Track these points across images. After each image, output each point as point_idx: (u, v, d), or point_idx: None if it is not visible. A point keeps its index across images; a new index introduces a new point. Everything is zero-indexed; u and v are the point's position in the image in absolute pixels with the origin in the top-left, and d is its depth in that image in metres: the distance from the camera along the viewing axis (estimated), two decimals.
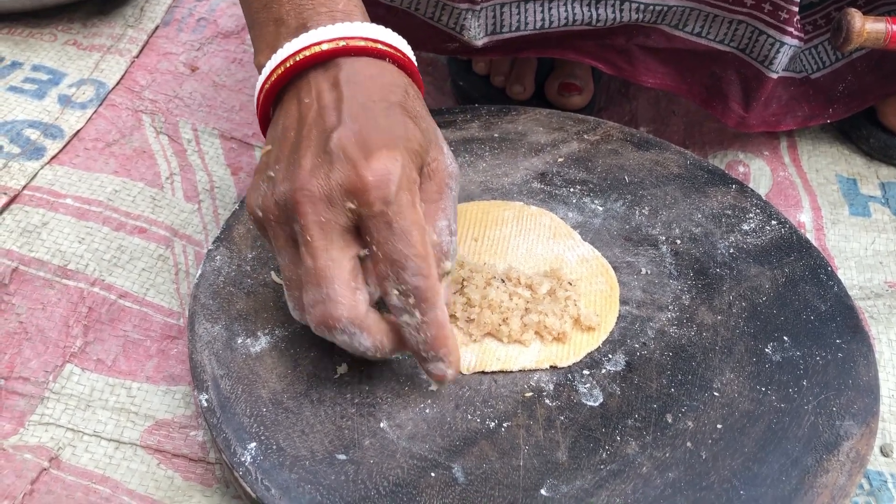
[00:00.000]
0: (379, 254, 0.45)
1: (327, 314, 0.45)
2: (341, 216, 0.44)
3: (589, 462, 0.48)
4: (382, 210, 0.44)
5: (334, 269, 0.44)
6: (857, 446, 0.49)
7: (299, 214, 0.44)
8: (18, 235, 0.65)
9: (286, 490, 0.46)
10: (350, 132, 0.45)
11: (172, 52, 0.84)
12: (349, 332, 0.45)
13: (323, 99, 0.47)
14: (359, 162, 0.44)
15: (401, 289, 0.45)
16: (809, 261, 0.59)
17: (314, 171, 0.44)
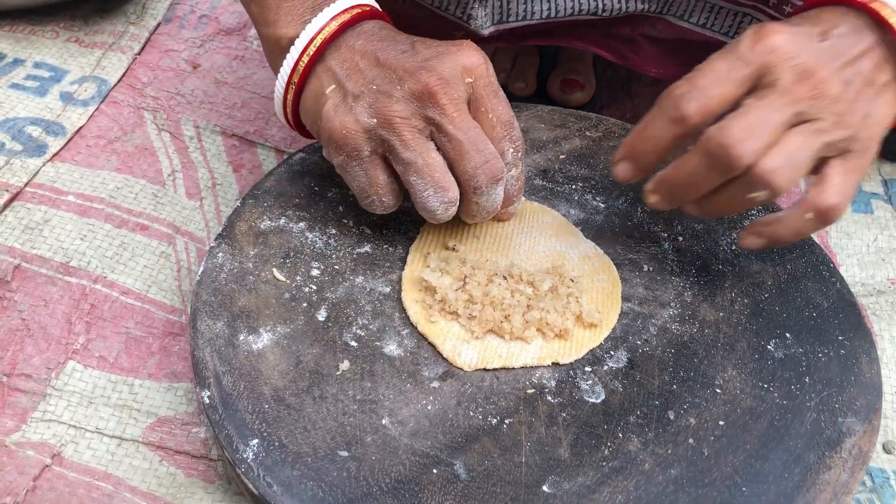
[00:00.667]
0: (493, 119, 0.52)
1: (496, 168, 0.52)
2: (464, 93, 0.51)
3: (591, 459, 0.48)
4: (491, 81, 0.52)
5: (481, 135, 0.52)
6: (860, 443, 0.49)
7: (437, 97, 0.50)
8: (21, 232, 0.65)
9: (288, 487, 0.46)
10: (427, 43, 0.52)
11: (174, 49, 0.84)
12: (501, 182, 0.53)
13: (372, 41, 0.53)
14: (458, 52, 0.51)
15: (515, 145, 0.53)
16: (812, 257, 0.59)
17: (427, 64, 0.51)
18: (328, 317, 0.54)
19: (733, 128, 0.46)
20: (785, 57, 0.47)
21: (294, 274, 0.56)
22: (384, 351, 0.53)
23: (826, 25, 0.48)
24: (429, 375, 0.52)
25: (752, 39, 0.47)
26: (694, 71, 0.48)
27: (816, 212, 0.48)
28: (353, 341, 0.53)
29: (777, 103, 0.46)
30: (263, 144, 0.75)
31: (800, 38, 0.47)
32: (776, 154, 0.47)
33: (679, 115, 0.48)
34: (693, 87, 0.48)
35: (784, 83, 0.46)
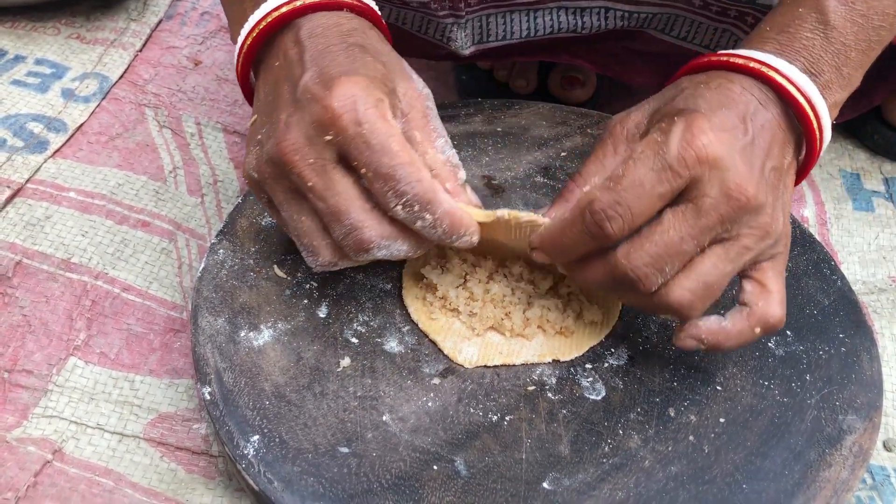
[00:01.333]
0: (370, 174, 0.45)
1: (359, 240, 0.47)
2: (326, 152, 0.46)
3: (591, 455, 0.48)
4: (357, 132, 0.45)
5: (345, 202, 0.46)
6: (860, 441, 0.49)
7: (291, 165, 0.46)
8: (22, 229, 0.65)
9: (289, 483, 0.46)
10: (311, 74, 0.46)
11: (175, 45, 0.84)
12: (384, 246, 0.47)
13: (289, 57, 0.49)
14: (323, 96, 0.45)
15: (402, 201, 0.46)
16: (813, 255, 0.59)
17: (290, 121, 0.46)
18: (329, 313, 0.54)
19: (643, 258, 0.44)
20: (714, 170, 0.43)
21: (295, 270, 0.56)
22: (385, 348, 0.53)
23: (741, 110, 0.46)
24: (429, 372, 0.52)
25: (681, 143, 0.43)
26: (619, 176, 0.44)
27: (765, 326, 0.47)
28: (353, 338, 0.53)
29: (695, 230, 0.44)
30: None
31: (727, 139, 0.44)
32: (688, 284, 0.45)
33: (601, 233, 0.44)
34: (617, 202, 0.44)
35: (708, 203, 0.44)
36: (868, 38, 0.48)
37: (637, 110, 0.49)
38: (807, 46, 0.47)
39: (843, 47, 0.48)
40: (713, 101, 0.46)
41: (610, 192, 0.44)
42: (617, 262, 0.45)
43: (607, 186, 0.44)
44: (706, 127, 0.44)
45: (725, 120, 0.45)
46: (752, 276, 0.47)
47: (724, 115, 0.45)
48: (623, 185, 0.44)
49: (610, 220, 0.44)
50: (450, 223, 0.47)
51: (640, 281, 0.44)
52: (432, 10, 0.64)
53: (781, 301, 0.47)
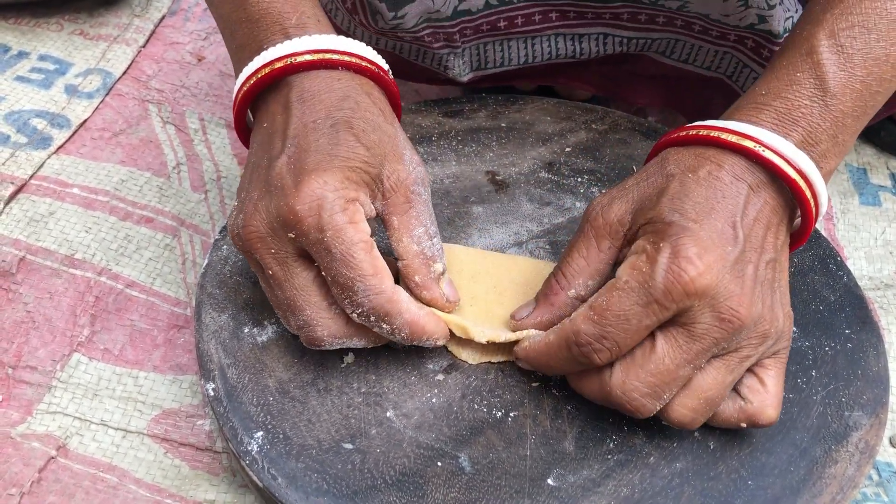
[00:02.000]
0: (328, 278, 0.45)
1: (310, 338, 0.47)
2: (289, 245, 0.45)
3: (596, 452, 0.48)
4: (318, 238, 0.44)
5: (302, 297, 0.46)
6: (867, 437, 0.49)
7: (254, 251, 0.45)
8: (25, 225, 0.65)
9: (293, 479, 0.46)
10: (287, 158, 0.45)
11: (179, 41, 0.84)
12: (338, 343, 0.47)
13: (275, 123, 0.47)
14: (289, 192, 0.44)
15: (357, 311, 0.45)
16: (818, 251, 0.59)
17: (258, 205, 0.45)
18: None
19: (639, 388, 0.43)
20: (704, 298, 0.42)
21: None
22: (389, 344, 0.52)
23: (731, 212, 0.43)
24: (433, 368, 0.51)
25: (667, 275, 0.42)
26: (603, 308, 0.43)
27: (751, 423, 0.46)
28: None
29: (690, 355, 0.43)
30: None
31: (717, 260, 0.42)
32: (689, 403, 0.44)
33: (589, 362, 0.44)
34: (603, 336, 0.43)
35: (700, 329, 0.42)
36: (865, 105, 0.46)
37: (620, 200, 0.47)
38: (805, 115, 0.45)
39: (841, 115, 0.45)
40: (701, 203, 0.43)
41: (595, 326, 0.43)
42: (612, 390, 0.44)
43: (592, 318, 0.43)
44: (693, 254, 0.42)
45: (713, 232, 0.43)
46: (753, 369, 0.46)
47: (712, 225, 0.43)
48: (608, 320, 0.43)
49: (597, 352, 0.43)
50: (409, 332, 0.47)
51: (637, 410, 0.44)
52: (426, 42, 0.63)
53: (777, 403, 0.45)
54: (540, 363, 0.47)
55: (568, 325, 0.45)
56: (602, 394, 0.45)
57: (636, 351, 0.44)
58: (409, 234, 0.48)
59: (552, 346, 0.46)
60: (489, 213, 0.60)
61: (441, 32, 0.62)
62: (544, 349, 0.46)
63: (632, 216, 0.46)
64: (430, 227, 0.48)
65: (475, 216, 0.60)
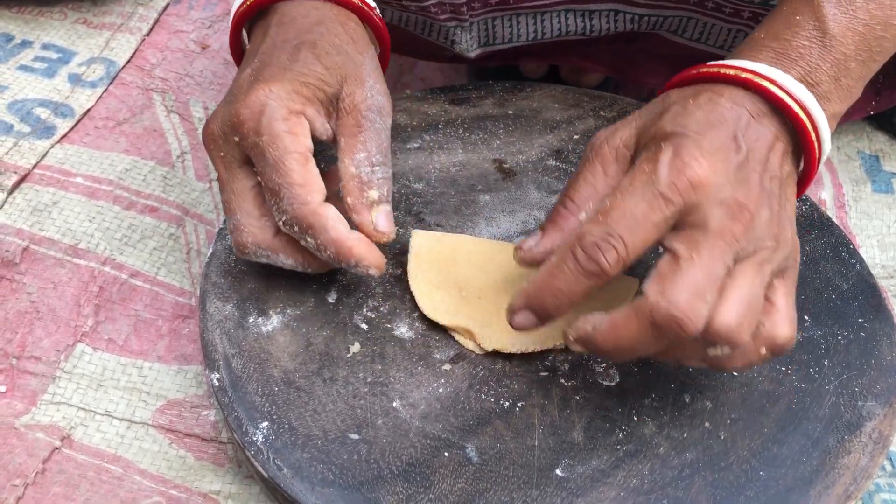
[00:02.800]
0: (263, 183, 0.47)
1: (236, 242, 0.49)
2: (235, 150, 0.48)
3: (605, 442, 0.47)
4: (255, 141, 0.46)
5: (237, 201, 0.48)
6: (880, 427, 0.48)
7: (208, 151, 0.49)
8: (29, 214, 0.65)
9: (298, 469, 0.45)
10: (250, 71, 0.49)
11: (183, 29, 0.83)
12: (263, 255, 0.49)
13: (254, 45, 0.51)
14: (239, 98, 0.47)
15: (283, 219, 0.47)
16: (831, 238, 0.58)
17: (218, 111, 0.49)
18: (338, 299, 0.53)
19: (681, 293, 0.40)
20: (710, 192, 0.41)
21: None
22: (395, 333, 0.52)
23: (731, 126, 0.43)
24: (440, 358, 0.51)
25: (671, 170, 0.41)
26: (608, 208, 0.42)
27: (771, 347, 0.43)
28: (363, 323, 0.52)
29: (715, 251, 0.41)
30: None
31: (719, 160, 0.42)
32: (732, 307, 0.41)
33: (597, 269, 0.41)
34: (609, 235, 0.41)
35: (715, 223, 0.41)
36: (870, 49, 0.46)
37: (623, 127, 0.46)
38: (803, 55, 0.45)
39: (843, 57, 0.45)
40: (702, 121, 0.43)
41: (601, 225, 0.42)
42: (654, 305, 0.40)
43: (596, 220, 0.42)
44: (695, 152, 0.42)
45: (715, 140, 0.42)
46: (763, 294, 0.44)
47: (714, 135, 0.43)
48: (614, 217, 0.41)
49: (604, 252, 0.41)
50: (335, 251, 0.47)
51: (685, 318, 0.40)
52: (432, 13, 0.63)
53: (790, 320, 0.43)
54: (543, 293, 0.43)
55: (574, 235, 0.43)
56: (641, 322, 0.41)
57: (659, 265, 0.41)
58: (350, 156, 0.49)
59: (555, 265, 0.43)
60: (496, 202, 0.60)
61: (447, 3, 0.62)
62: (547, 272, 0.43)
63: (635, 140, 0.46)
64: (374, 155, 0.49)
65: (482, 205, 0.59)
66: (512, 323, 0.45)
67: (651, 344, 0.42)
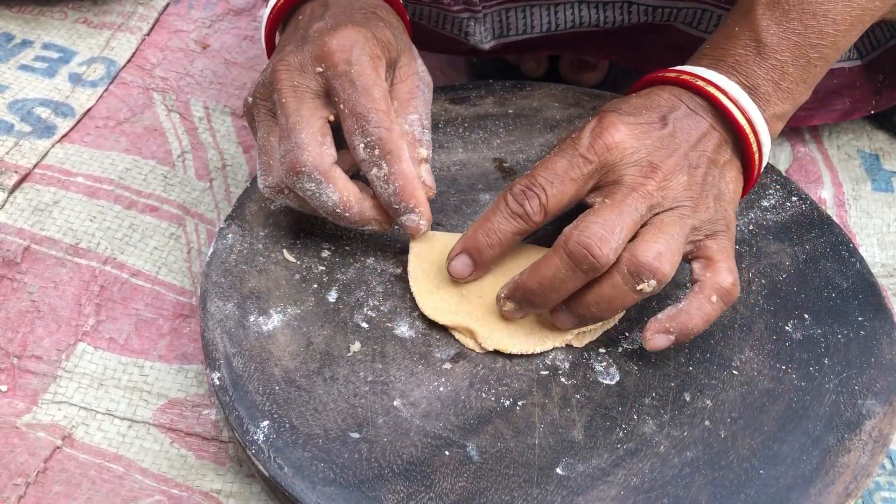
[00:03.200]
0: (345, 110, 0.49)
1: (295, 160, 0.49)
2: (312, 81, 0.49)
3: (605, 441, 0.47)
4: (346, 69, 0.49)
5: (303, 123, 0.49)
6: (880, 425, 0.48)
7: (276, 81, 0.50)
8: (30, 214, 0.65)
9: (299, 468, 0.46)
10: (326, 22, 0.51)
11: (183, 29, 0.83)
12: (315, 179, 0.49)
13: (314, 12, 0.53)
14: (327, 34, 0.49)
15: (366, 141, 0.49)
16: (831, 237, 0.58)
17: (292, 48, 0.50)
18: (339, 298, 0.53)
19: (591, 227, 0.46)
20: (625, 153, 0.47)
21: (304, 255, 0.55)
22: (395, 332, 0.52)
23: (664, 110, 0.49)
24: (441, 357, 0.51)
25: (591, 135, 0.48)
26: (535, 166, 0.49)
27: (719, 293, 0.47)
28: (363, 322, 0.52)
29: (627, 199, 0.47)
30: None
31: (639, 130, 0.48)
32: (649, 242, 0.46)
33: (521, 212, 0.48)
34: (532, 184, 0.48)
35: (629, 179, 0.47)
36: (807, 56, 0.50)
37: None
38: (739, 62, 0.50)
39: (779, 63, 0.49)
40: (635, 104, 0.49)
41: (527, 177, 0.48)
42: (567, 236, 0.46)
43: (526, 174, 0.49)
44: (617, 122, 0.48)
45: (640, 117, 0.49)
46: (696, 255, 0.49)
47: (642, 114, 0.49)
48: (538, 171, 0.48)
49: (529, 199, 0.48)
50: (401, 185, 0.50)
51: (594, 245, 0.45)
52: (445, 4, 0.63)
53: (730, 269, 0.48)
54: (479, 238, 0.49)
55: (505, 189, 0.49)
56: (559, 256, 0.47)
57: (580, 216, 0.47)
58: (404, 115, 0.52)
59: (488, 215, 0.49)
60: None
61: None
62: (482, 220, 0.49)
63: None
64: (424, 119, 0.53)
65: (483, 204, 0.60)
66: (450, 270, 0.51)
67: (569, 277, 0.47)
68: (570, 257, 0.46)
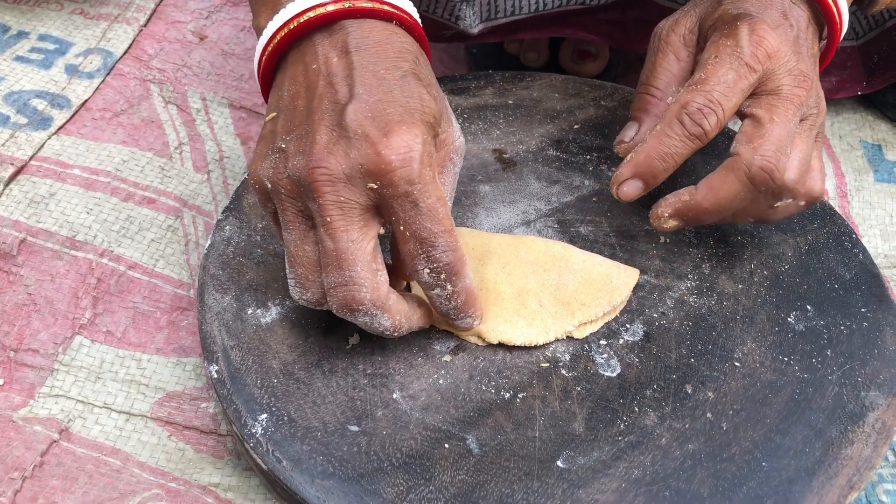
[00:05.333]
0: (406, 233, 0.43)
1: (350, 297, 0.44)
2: (361, 196, 0.43)
3: (606, 433, 0.47)
4: (407, 190, 0.42)
5: (356, 252, 0.43)
6: (883, 417, 0.48)
7: (317, 194, 0.42)
8: (26, 206, 0.64)
9: (297, 462, 0.45)
10: (365, 106, 0.43)
11: (181, 20, 0.83)
12: (371, 313, 0.45)
13: (331, 66, 0.45)
14: (378, 140, 0.42)
15: (432, 266, 0.44)
16: (833, 228, 0.58)
17: (331, 147, 0.42)
18: None
19: (768, 149, 0.48)
20: (781, 61, 0.49)
21: None
22: None
23: (780, 8, 0.50)
24: (440, 349, 0.51)
25: (751, 42, 0.48)
26: (702, 79, 0.49)
27: (809, 199, 0.51)
28: None
29: (789, 113, 0.49)
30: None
31: (783, 34, 0.49)
32: (796, 164, 0.49)
33: (700, 131, 0.49)
34: (710, 100, 0.48)
35: (787, 90, 0.49)
36: None
37: (684, 17, 0.53)
38: None
39: None
40: (757, 5, 0.50)
41: (701, 93, 0.48)
42: (749, 160, 0.48)
43: (696, 89, 0.48)
44: (766, 27, 0.49)
45: (774, 19, 0.50)
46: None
47: (772, 14, 0.50)
48: (710, 85, 0.48)
49: (707, 116, 0.48)
50: (465, 299, 0.47)
51: (775, 168, 0.48)
52: None
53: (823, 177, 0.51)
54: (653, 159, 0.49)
55: (674, 105, 0.49)
56: (739, 179, 0.48)
57: (744, 128, 0.49)
58: None
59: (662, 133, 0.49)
60: (496, 192, 0.59)
61: None
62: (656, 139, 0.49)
63: (699, 25, 0.52)
64: (449, 194, 0.47)
65: (482, 195, 0.59)
66: (619, 193, 0.51)
67: (745, 196, 0.49)
68: (751, 181, 0.48)
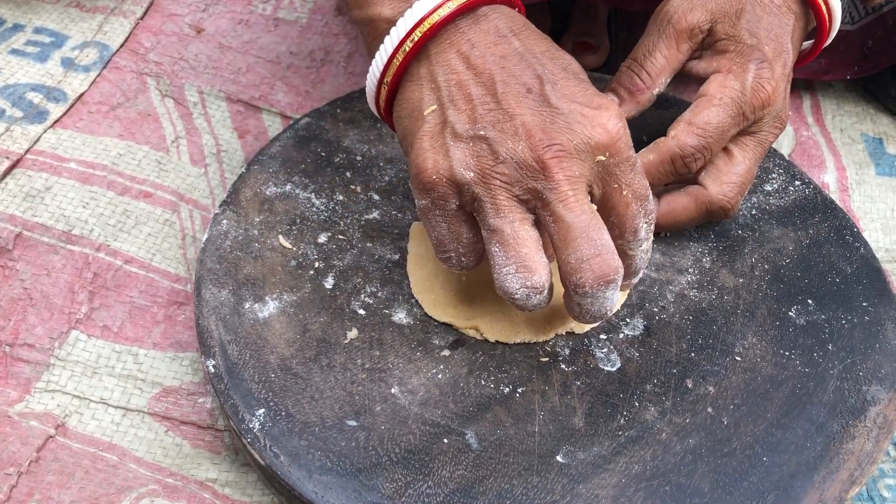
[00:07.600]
0: (628, 196, 0.45)
1: (608, 266, 0.44)
2: (588, 171, 0.44)
3: (606, 428, 0.47)
4: (629, 154, 0.45)
5: (600, 222, 0.44)
6: (885, 411, 0.48)
7: (552, 172, 0.43)
8: (22, 200, 0.64)
9: (295, 457, 0.45)
10: (562, 85, 0.45)
11: (177, 13, 0.82)
12: (616, 285, 0.45)
13: (498, 51, 0.45)
14: (596, 115, 0.44)
15: (648, 219, 0.47)
16: (834, 222, 0.57)
17: (551, 126, 0.43)
18: (335, 284, 0.53)
19: (734, 192, 0.52)
20: (772, 108, 0.52)
21: (300, 241, 0.55)
22: (393, 319, 0.51)
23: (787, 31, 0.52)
24: (439, 344, 0.50)
25: (753, 91, 0.51)
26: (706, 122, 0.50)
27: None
28: (361, 309, 0.52)
29: (758, 154, 0.53)
30: (269, 110, 0.73)
31: (781, 81, 0.51)
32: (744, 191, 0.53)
33: (686, 171, 0.52)
34: (704, 147, 0.51)
35: (764, 134, 0.53)
36: None
37: (700, 8, 0.52)
38: None
39: None
40: (768, 31, 0.52)
41: (699, 139, 0.51)
42: (714, 199, 0.52)
43: (695, 133, 0.51)
44: (769, 75, 0.51)
45: (778, 52, 0.52)
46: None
47: (777, 46, 0.52)
48: (710, 132, 0.50)
49: (696, 161, 0.51)
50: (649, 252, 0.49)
51: (731, 208, 0.53)
52: None
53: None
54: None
55: (671, 142, 0.51)
56: (698, 207, 0.53)
57: (717, 162, 0.53)
58: None
59: (653, 165, 0.52)
60: None
61: None
62: (646, 167, 0.52)
63: (710, 25, 0.52)
64: None
65: None
66: None
67: (697, 221, 0.54)
68: (709, 213, 0.53)
